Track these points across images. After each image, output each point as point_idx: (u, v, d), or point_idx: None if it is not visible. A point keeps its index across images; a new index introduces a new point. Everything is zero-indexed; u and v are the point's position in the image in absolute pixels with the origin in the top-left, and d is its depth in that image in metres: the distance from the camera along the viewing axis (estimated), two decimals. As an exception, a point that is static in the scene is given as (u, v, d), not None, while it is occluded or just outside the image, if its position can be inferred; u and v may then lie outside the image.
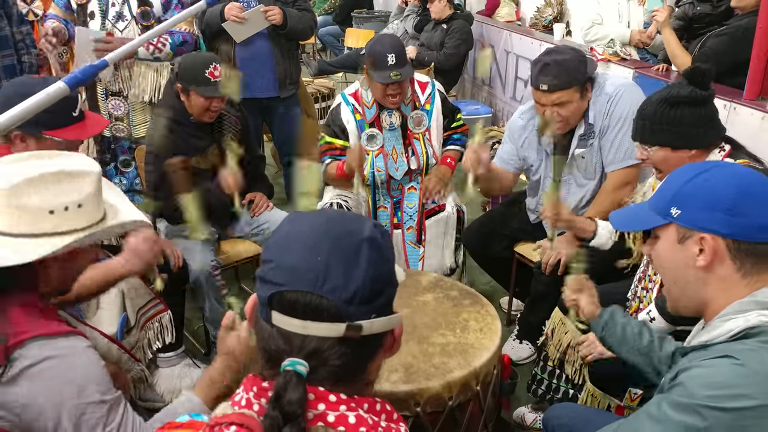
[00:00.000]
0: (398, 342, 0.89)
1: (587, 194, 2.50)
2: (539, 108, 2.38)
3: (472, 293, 2.16)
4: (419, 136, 2.81)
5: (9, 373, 1.19)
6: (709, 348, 1.12)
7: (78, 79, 1.23)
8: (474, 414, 1.83)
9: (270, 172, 3.18)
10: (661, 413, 1.10)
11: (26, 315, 1.25)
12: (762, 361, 1.04)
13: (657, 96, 1.81)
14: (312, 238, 0.83)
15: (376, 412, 0.83)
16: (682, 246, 1.17)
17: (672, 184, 1.20)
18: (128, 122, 3.11)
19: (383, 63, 2.58)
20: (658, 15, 3.54)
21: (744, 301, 1.12)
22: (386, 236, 0.88)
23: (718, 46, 3.26)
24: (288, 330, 0.80)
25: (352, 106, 2.77)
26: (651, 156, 1.83)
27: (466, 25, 5.24)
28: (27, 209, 1.25)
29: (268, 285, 0.82)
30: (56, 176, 1.29)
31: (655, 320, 1.79)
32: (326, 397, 0.80)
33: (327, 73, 6.28)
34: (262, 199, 2.87)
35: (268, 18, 3.33)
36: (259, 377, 0.84)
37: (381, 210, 2.88)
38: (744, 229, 1.11)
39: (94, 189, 1.33)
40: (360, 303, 0.81)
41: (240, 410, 0.81)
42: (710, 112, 1.79)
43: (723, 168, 1.17)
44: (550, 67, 2.29)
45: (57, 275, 1.34)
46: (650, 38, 4.09)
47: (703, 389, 1.05)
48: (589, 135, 2.40)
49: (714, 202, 1.12)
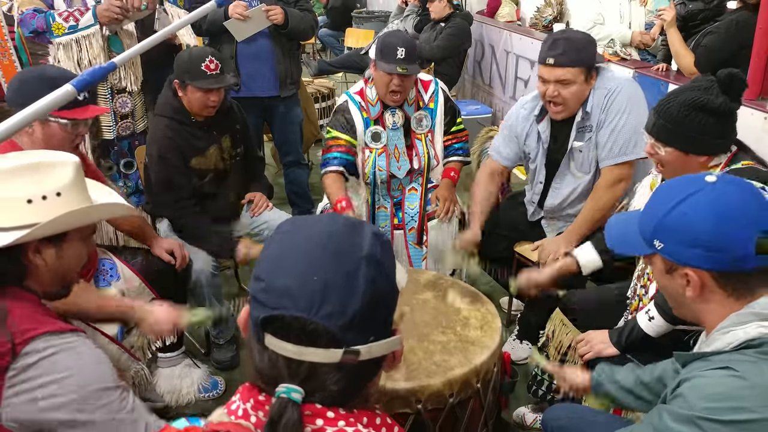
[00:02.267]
0: (398, 359, 0.85)
1: (579, 188, 2.50)
2: (541, 86, 2.37)
3: (472, 291, 2.16)
4: (421, 136, 2.82)
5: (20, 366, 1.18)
6: (710, 359, 1.12)
7: (86, 81, 1.24)
8: (475, 411, 1.83)
9: (270, 172, 3.18)
10: (662, 424, 1.10)
11: (31, 315, 1.25)
12: (762, 373, 1.05)
13: (684, 97, 1.69)
14: (307, 255, 0.78)
15: (375, 426, 0.81)
16: (670, 276, 1.18)
17: (655, 211, 1.19)
18: (132, 119, 3.10)
19: (392, 54, 2.60)
20: (665, 14, 3.53)
21: (742, 313, 1.12)
22: (387, 248, 0.84)
23: (713, 43, 3.27)
24: (282, 354, 0.77)
25: (358, 103, 2.79)
26: (661, 154, 1.76)
27: (464, 23, 5.24)
28: (3, 199, 1.25)
29: (261, 306, 0.78)
30: (33, 166, 1.29)
31: (654, 319, 1.79)
32: (324, 414, 0.77)
33: (327, 73, 6.28)
34: (261, 199, 2.88)
35: (269, 17, 3.33)
36: (255, 388, 0.81)
37: (381, 210, 2.88)
38: (726, 262, 1.10)
39: (73, 178, 1.32)
40: (358, 328, 0.77)
41: (237, 420, 0.79)
42: (733, 123, 1.72)
43: (701, 196, 1.13)
44: (559, 42, 2.29)
45: (47, 272, 1.33)
46: (652, 39, 4.09)
47: (703, 401, 1.05)
48: (587, 127, 2.40)
49: (693, 239, 1.11)
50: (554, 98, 2.34)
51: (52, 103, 1.18)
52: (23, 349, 1.19)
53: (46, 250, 1.30)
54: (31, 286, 1.31)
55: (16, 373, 1.19)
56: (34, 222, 1.26)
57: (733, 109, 1.68)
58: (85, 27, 2.79)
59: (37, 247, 1.29)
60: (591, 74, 2.34)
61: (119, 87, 3.00)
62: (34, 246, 1.28)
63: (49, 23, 2.76)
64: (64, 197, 1.30)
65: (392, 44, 2.61)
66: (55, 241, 1.31)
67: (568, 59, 2.27)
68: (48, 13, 2.77)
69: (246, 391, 0.82)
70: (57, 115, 1.94)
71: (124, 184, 3.18)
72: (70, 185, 1.31)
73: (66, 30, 2.77)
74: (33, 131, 1.97)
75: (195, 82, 2.51)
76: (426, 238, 2.83)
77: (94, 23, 2.79)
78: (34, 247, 1.29)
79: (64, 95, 1.19)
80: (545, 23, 5.50)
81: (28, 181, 1.27)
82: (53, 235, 1.30)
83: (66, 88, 1.19)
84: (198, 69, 2.50)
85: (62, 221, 1.28)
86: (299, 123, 3.77)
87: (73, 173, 1.33)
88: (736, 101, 1.67)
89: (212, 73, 2.51)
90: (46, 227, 1.27)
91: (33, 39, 2.89)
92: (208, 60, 2.52)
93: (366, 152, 2.80)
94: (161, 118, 2.62)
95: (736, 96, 1.67)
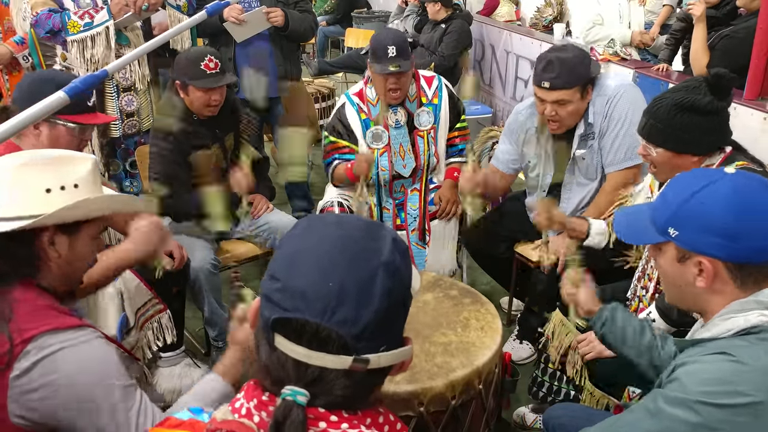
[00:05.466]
0: (406, 367, 0.84)
1: (587, 195, 2.51)
2: (539, 106, 2.39)
3: (472, 292, 2.16)
4: (424, 134, 2.81)
5: (23, 365, 1.18)
6: (707, 344, 1.12)
7: (78, 88, 1.24)
8: (476, 413, 1.83)
9: (270, 172, 3.17)
10: (656, 407, 1.11)
11: (37, 312, 1.24)
12: (757, 357, 1.05)
13: (672, 97, 1.73)
14: (324, 258, 0.77)
15: (379, 426, 0.81)
16: (681, 265, 1.17)
17: (670, 200, 1.18)
18: (138, 117, 3.10)
19: (384, 54, 2.59)
20: (695, 9, 3.46)
21: (744, 300, 1.12)
22: (405, 255, 0.82)
23: (731, 47, 3.26)
24: (290, 356, 0.77)
25: (356, 105, 2.78)
26: (653, 155, 1.80)
27: (465, 24, 5.23)
28: (23, 188, 1.25)
29: (274, 306, 0.77)
30: (53, 159, 1.32)
31: (655, 321, 1.79)
32: (327, 417, 0.77)
33: (327, 73, 6.27)
34: (261, 201, 2.87)
35: (270, 20, 3.33)
36: (259, 388, 0.81)
37: (383, 211, 2.89)
38: (742, 252, 1.10)
39: (91, 171, 1.34)
40: (370, 337, 0.76)
41: (240, 419, 0.79)
42: (723, 122, 1.74)
43: (720, 185, 1.13)
44: (553, 65, 2.29)
45: (58, 267, 1.32)
46: (652, 39, 4.09)
47: (698, 385, 1.06)
48: (589, 135, 2.40)
49: (710, 227, 1.10)
50: (552, 117, 2.36)
51: (44, 110, 1.19)
52: (26, 347, 1.18)
53: (60, 241, 1.30)
54: (42, 282, 1.31)
55: (19, 372, 1.18)
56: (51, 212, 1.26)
57: (721, 108, 1.70)
58: (101, 23, 2.84)
59: (51, 237, 1.29)
60: (587, 90, 2.35)
61: (125, 85, 3.00)
62: (49, 236, 1.28)
63: (65, 22, 2.81)
64: (81, 189, 1.31)
65: (382, 44, 2.60)
66: (69, 232, 1.31)
67: (562, 81, 2.28)
68: (64, 13, 2.82)
69: (250, 390, 0.82)
70: (66, 119, 1.95)
71: (130, 184, 3.18)
72: (87, 178, 1.33)
73: (81, 27, 2.83)
74: (39, 132, 1.98)
75: (195, 81, 2.51)
76: (429, 238, 2.83)
77: (109, 18, 2.84)
78: (49, 237, 1.28)
79: (57, 102, 1.20)
80: (545, 23, 5.51)
81: (47, 171, 1.29)
82: (68, 224, 1.30)
83: (58, 95, 1.20)
84: (197, 69, 2.50)
85: (84, 207, 1.29)
86: None
87: (91, 167, 1.35)
88: (724, 100, 1.70)
89: (212, 72, 2.51)
90: (68, 211, 1.27)
91: (48, 39, 2.93)
92: (207, 59, 2.52)
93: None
94: (164, 117, 2.62)
95: (723, 95, 1.69)
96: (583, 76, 2.32)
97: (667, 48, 3.89)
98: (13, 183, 1.26)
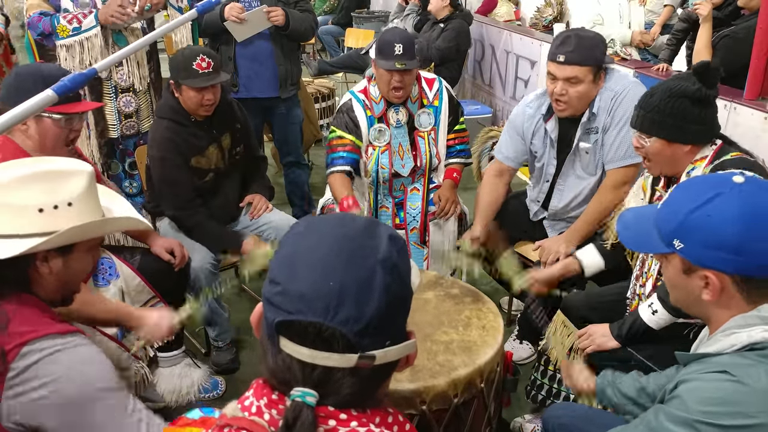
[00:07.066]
0: (412, 362, 0.85)
1: (584, 190, 2.50)
2: (549, 83, 2.37)
3: (473, 291, 2.16)
4: (424, 134, 2.82)
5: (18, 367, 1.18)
6: (709, 360, 1.12)
7: (67, 87, 1.24)
8: (478, 411, 1.83)
9: (270, 172, 3.17)
10: (658, 423, 1.11)
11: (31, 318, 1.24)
12: (758, 378, 1.04)
13: (662, 87, 1.80)
14: (323, 259, 0.78)
15: (388, 425, 0.81)
16: (687, 276, 1.16)
17: (676, 209, 1.16)
18: (137, 118, 3.09)
19: (390, 51, 2.60)
20: (701, 9, 3.48)
21: (747, 315, 1.11)
22: (403, 252, 0.83)
23: (732, 46, 3.26)
24: (296, 357, 0.77)
25: (362, 102, 2.78)
26: (646, 146, 1.83)
27: (464, 24, 5.23)
28: (15, 207, 1.24)
29: (276, 310, 0.78)
30: (46, 173, 1.28)
31: (658, 312, 1.79)
32: (337, 415, 0.78)
33: (327, 73, 6.27)
34: (260, 201, 2.86)
35: (270, 19, 3.33)
36: (268, 386, 0.81)
37: (382, 210, 2.88)
38: (749, 266, 1.09)
39: (86, 187, 1.32)
40: (374, 333, 0.77)
41: (251, 417, 0.79)
42: (712, 112, 1.80)
43: (728, 197, 1.10)
44: (570, 39, 2.29)
45: (52, 280, 1.32)
46: (652, 39, 4.09)
47: (700, 404, 1.05)
48: (592, 129, 2.39)
49: (718, 242, 1.08)
50: (561, 96, 2.33)
51: (32, 108, 1.18)
52: (21, 351, 1.19)
53: (53, 259, 1.30)
54: (35, 291, 1.31)
55: (14, 374, 1.18)
56: (44, 231, 1.25)
57: (710, 96, 1.76)
58: (88, 29, 2.83)
59: (45, 256, 1.28)
60: (599, 74, 2.34)
61: (123, 86, 3.00)
62: (42, 255, 1.28)
63: (54, 26, 2.81)
64: (75, 207, 1.29)
65: (390, 41, 2.62)
66: (63, 252, 1.30)
67: (578, 57, 2.27)
68: (53, 16, 2.82)
69: (259, 388, 0.82)
70: (50, 110, 1.94)
71: (129, 184, 3.18)
72: (82, 195, 1.31)
73: (70, 32, 2.82)
74: (27, 128, 1.98)
75: (187, 81, 2.51)
76: (428, 238, 2.83)
77: (96, 24, 2.82)
78: (42, 255, 1.28)
79: (45, 100, 1.19)
80: (545, 23, 5.51)
81: (40, 189, 1.26)
82: (62, 246, 1.29)
83: (47, 93, 1.19)
84: (190, 68, 2.50)
85: (73, 233, 1.28)
86: (299, 123, 3.77)
87: (86, 183, 1.32)
88: (712, 88, 1.76)
89: (204, 72, 2.51)
90: (57, 239, 1.26)
91: (41, 41, 2.93)
92: (199, 59, 2.51)
93: (369, 150, 2.80)
94: (161, 120, 2.62)
95: (711, 84, 1.75)
96: (598, 59, 2.30)
97: (668, 48, 3.89)
98: (5, 202, 1.24)
